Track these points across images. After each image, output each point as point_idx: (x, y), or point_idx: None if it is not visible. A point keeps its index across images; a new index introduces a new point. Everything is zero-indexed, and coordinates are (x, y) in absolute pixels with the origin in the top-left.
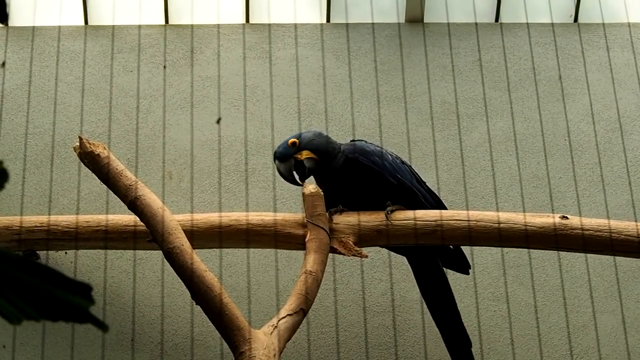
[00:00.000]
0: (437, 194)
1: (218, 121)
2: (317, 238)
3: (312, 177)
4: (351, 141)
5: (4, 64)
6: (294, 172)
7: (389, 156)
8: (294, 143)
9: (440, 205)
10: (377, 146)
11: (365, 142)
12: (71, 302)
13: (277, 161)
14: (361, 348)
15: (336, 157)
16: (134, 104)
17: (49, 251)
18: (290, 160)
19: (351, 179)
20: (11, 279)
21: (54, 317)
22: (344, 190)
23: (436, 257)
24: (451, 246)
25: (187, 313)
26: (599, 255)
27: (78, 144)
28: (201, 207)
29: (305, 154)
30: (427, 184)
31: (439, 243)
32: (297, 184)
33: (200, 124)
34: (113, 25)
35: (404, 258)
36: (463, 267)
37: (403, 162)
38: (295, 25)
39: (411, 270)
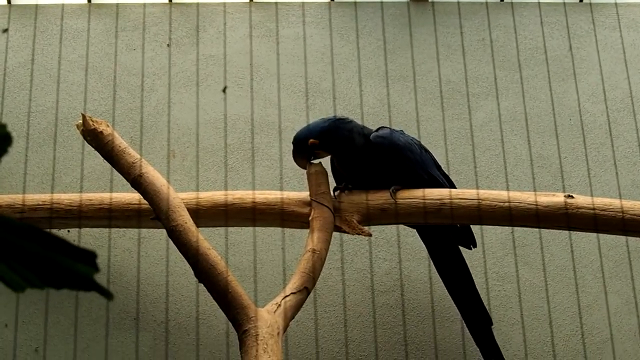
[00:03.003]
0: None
1: (224, 90)
2: (321, 216)
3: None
4: (378, 129)
5: (6, 30)
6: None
7: (416, 147)
8: (313, 144)
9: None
10: (403, 134)
11: (390, 129)
12: (75, 269)
13: (293, 152)
14: (365, 327)
15: (359, 145)
16: (138, 82)
17: (52, 229)
18: (306, 156)
19: (377, 167)
20: (14, 247)
21: (58, 285)
22: (360, 173)
23: (451, 236)
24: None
25: (191, 292)
26: (604, 235)
27: (81, 121)
28: (205, 186)
29: (320, 153)
30: (442, 167)
31: (446, 222)
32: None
33: (205, 103)
34: (117, 4)
35: (409, 237)
36: (468, 242)
37: (426, 151)
38: (303, 4)
39: (416, 249)
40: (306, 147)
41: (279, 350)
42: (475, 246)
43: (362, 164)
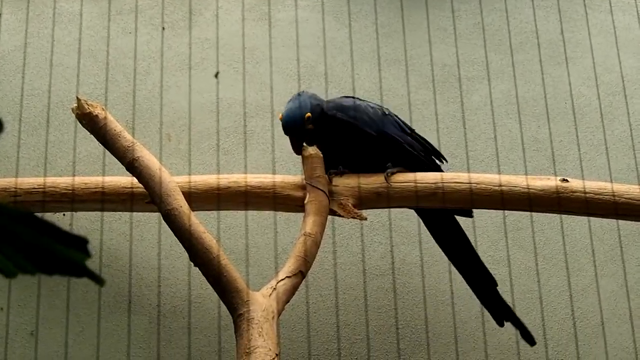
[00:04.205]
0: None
1: (216, 75)
2: (316, 200)
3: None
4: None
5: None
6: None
7: (370, 109)
8: (309, 118)
9: (432, 152)
10: (359, 99)
11: (352, 97)
12: (67, 255)
13: (289, 133)
14: (360, 311)
15: (321, 116)
16: (133, 65)
17: (46, 213)
18: (303, 137)
19: (334, 135)
20: (5, 232)
21: (50, 271)
22: (333, 148)
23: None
24: None
25: (185, 275)
26: (599, 219)
27: (76, 104)
28: (199, 169)
29: (310, 126)
30: (416, 131)
31: (439, 206)
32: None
33: (199, 86)
34: None
35: (403, 221)
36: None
37: (387, 114)
38: None
39: (410, 233)
40: (303, 125)
41: (274, 334)
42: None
43: (323, 133)
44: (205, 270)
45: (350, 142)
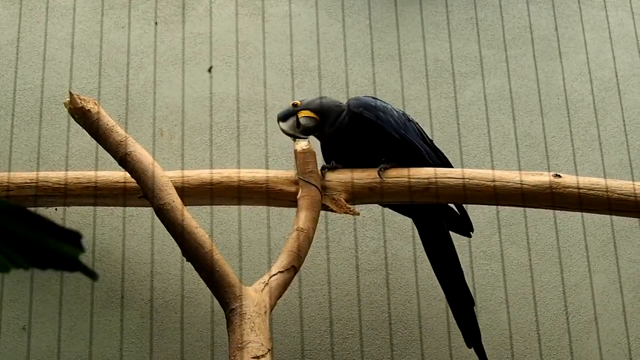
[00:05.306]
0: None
1: (209, 70)
2: (308, 195)
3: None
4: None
5: None
6: (297, 129)
7: (395, 112)
8: (294, 104)
9: (446, 164)
10: (385, 102)
11: (373, 97)
12: (61, 250)
13: (280, 122)
14: (352, 306)
15: (341, 115)
16: (125, 60)
17: (38, 207)
18: (292, 118)
19: (355, 134)
20: None
21: (43, 266)
22: (345, 148)
23: (442, 220)
24: (457, 211)
25: (178, 270)
26: (591, 215)
27: (69, 99)
28: (192, 164)
29: (304, 113)
30: (434, 142)
31: (432, 201)
32: (302, 138)
33: (192, 81)
34: None
35: (396, 216)
36: (465, 229)
37: (409, 120)
38: None
39: (403, 228)
40: (290, 112)
41: (266, 329)
42: (472, 230)
43: (343, 133)
44: (198, 265)
45: (368, 142)
